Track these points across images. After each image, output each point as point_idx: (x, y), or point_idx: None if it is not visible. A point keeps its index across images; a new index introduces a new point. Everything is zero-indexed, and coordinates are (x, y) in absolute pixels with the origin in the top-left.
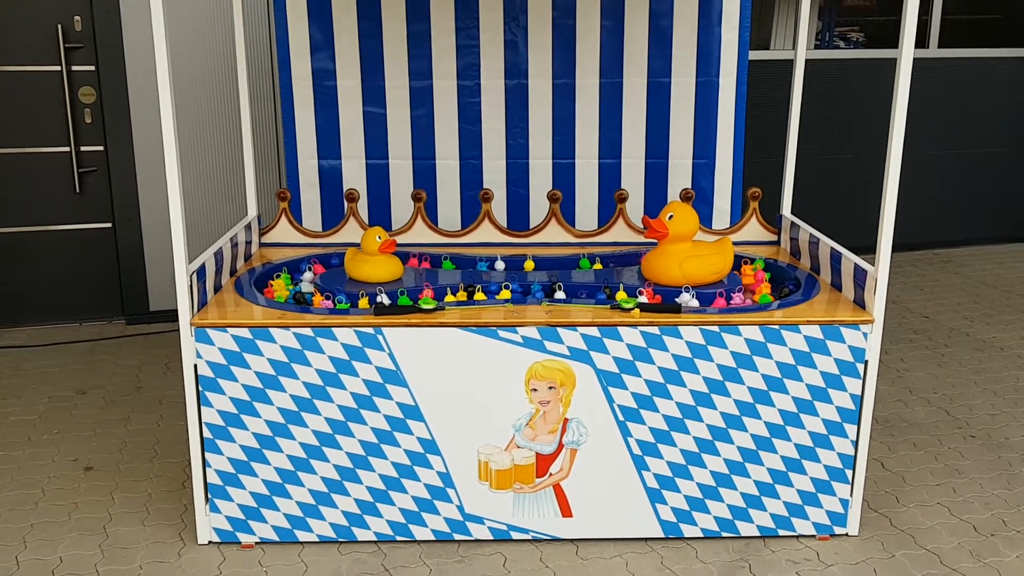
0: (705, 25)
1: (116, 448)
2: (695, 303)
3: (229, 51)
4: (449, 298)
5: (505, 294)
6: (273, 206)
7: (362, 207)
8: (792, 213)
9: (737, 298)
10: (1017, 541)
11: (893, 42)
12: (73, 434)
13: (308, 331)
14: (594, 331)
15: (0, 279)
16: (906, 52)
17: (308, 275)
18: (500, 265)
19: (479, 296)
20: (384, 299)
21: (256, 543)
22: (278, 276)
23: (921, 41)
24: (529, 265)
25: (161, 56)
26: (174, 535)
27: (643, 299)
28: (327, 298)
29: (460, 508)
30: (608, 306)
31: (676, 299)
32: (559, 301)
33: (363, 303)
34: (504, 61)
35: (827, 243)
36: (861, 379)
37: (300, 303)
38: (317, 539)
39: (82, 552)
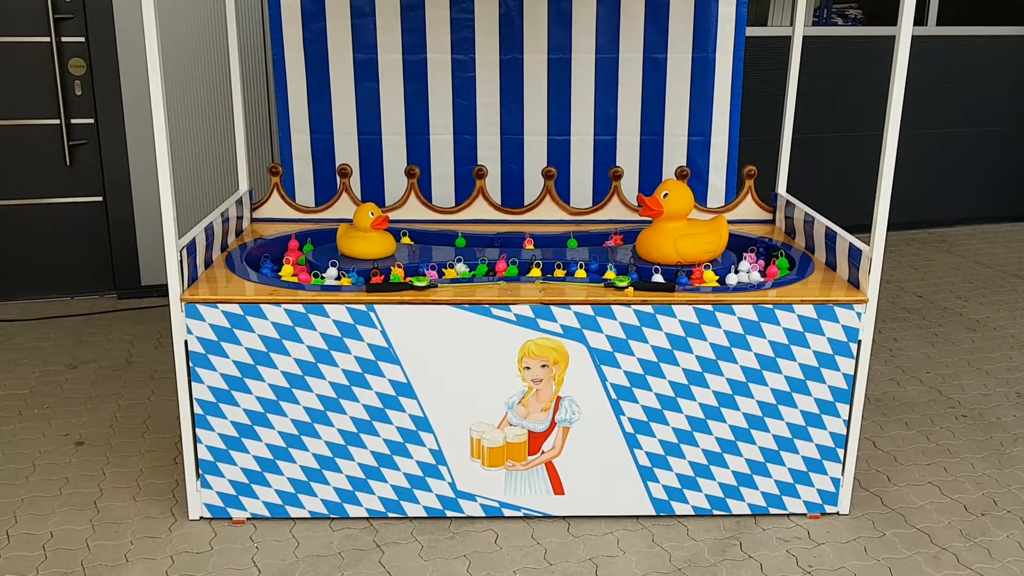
0: (702, 0)
1: (107, 423)
2: (751, 276)
3: (220, 23)
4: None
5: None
6: (265, 181)
7: (355, 182)
8: (788, 192)
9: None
10: (1007, 521)
11: (892, 19)
12: (64, 409)
13: (300, 307)
14: (587, 309)
15: None
16: (905, 29)
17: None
18: None
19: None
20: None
21: (247, 519)
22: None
23: (920, 18)
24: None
25: (150, 29)
26: (165, 510)
27: (684, 279)
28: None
29: (452, 485)
30: (602, 284)
31: (727, 278)
32: (555, 279)
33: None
34: (499, 35)
35: (822, 222)
36: (854, 359)
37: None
38: (309, 515)
39: (73, 527)
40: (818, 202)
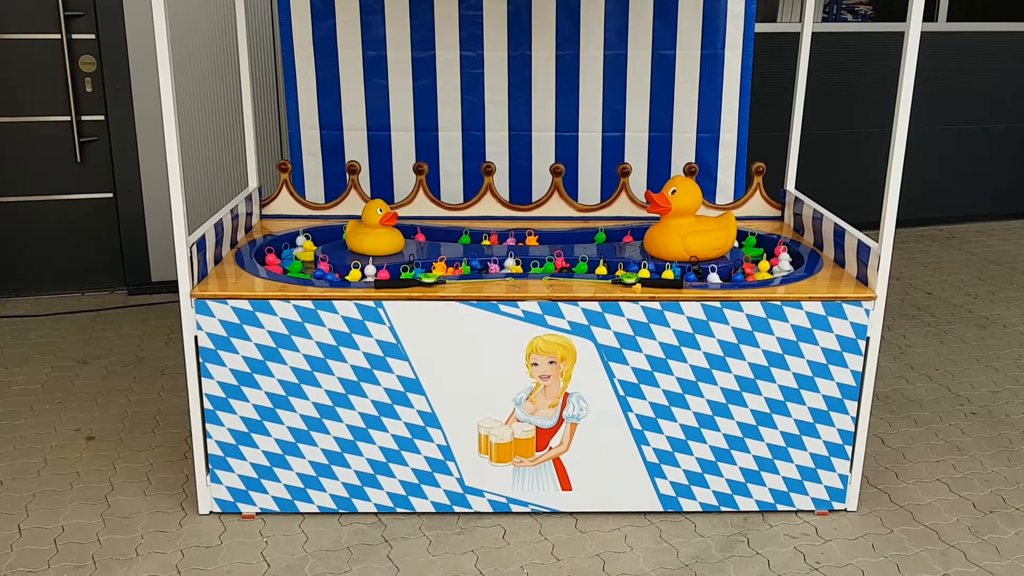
0: None
1: (118, 418)
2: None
3: (230, 21)
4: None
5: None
6: (274, 177)
7: (363, 179)
8: (797, 188)
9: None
10: (1016, 518)
11: (901, 15)
12: (75, 404)
13: (309, 303)
14: (595, 306)
15: (1, 249)
16: (914, 26)
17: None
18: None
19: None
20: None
21: (257, 513)
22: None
23: (930, 15)
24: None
25: (160, 26)
26: (175, 505)
27: (739, 276)
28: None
29: (460, 481)
30: (610, 281)
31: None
32: (563, 275)
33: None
34: (507, 32)
35: (831, 219)
36: (862, 356)
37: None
38: (318, 510)
39: (83, 521)
40: (827, 199)
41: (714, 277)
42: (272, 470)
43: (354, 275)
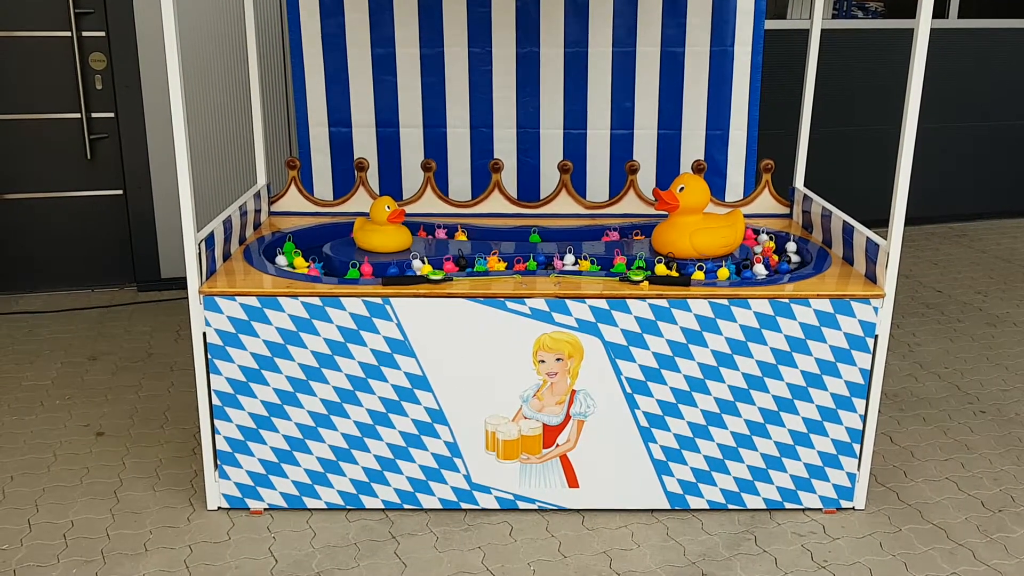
0: None
1: (127, 414)
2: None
3: (239, 18)
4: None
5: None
6: (283, 174)
7: (372, 176)
8: (805, 186)
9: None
10: None
11: (912, 12)
12: (85, 400)
13: (316, 300)
14: (603, 303)
15: (12, 246)
16: (924, 22)
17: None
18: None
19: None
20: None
21: (265, 509)
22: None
23: (940, 11)
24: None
25: (169, 24)
26: (184, 500)
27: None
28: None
29: (467, 477)
30: (617, 278)
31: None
32: (568, 272)
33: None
34: (516, 29)
35: (840, 216)
36: (871, 354)
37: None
38: (325, 506)
39: (93, 516)
40: (836, 196)
41: (760, 268)
42: (280, 466)
43: (426, 269)
